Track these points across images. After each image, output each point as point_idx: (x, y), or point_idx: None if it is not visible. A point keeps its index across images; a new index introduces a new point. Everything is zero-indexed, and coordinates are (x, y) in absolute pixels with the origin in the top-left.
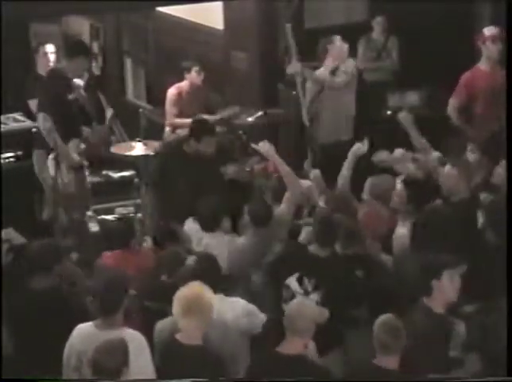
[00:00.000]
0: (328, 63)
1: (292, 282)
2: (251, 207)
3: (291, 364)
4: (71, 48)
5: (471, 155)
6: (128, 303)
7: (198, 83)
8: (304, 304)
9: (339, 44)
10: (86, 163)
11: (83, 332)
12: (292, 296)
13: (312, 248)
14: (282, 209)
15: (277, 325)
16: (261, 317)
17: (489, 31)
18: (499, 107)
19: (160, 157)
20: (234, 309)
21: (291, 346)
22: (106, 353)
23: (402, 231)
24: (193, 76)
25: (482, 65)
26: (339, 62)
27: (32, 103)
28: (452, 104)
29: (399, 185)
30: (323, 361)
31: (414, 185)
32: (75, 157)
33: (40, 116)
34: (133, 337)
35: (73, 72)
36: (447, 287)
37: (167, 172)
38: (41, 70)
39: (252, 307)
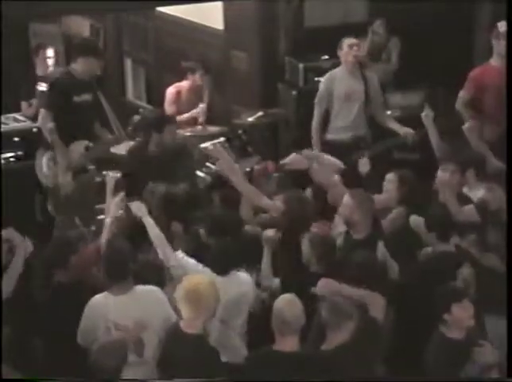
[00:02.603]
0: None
1: None
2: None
3: (288, 361)
4: (80, 48)
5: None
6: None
7: (199, 86)
8: (292, 300)
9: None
10: (91, 166)
11: (100, 301)
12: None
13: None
14: None
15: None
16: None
17: (502, 27)
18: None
19: (127, 166)
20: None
21: (286, 344)
22: (107, 353)
23: None
24: (196, 79)
25: (494, 61)
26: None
27: (24, 105)
28: (461, 98)
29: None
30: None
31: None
32: (75, 159)
33: (42, 113)
34: (148, 292)
35: (82, 72)
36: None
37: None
38: (40, 72)
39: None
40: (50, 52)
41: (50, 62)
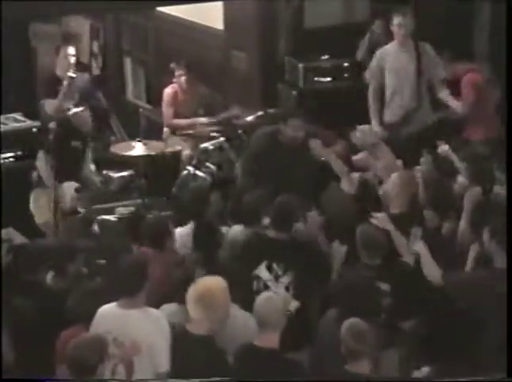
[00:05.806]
0: None
1: (261, 271)
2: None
3: (265, 357)
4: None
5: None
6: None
7: (196, 86)
8: (271, 297)
9: None
10: (81, 210)
11: (107, 312)
12: (265, 286)
13: (271, 233)
14: None
15: None
16: None
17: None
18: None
19: (257, 146)
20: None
21: (265, 339)
22: (83, 350)
23: None
24: (181, 81)
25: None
26: None
27: (48, 104)
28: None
29: None
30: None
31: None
32: (67, 201)
33: (40, 156)
34: (154, 316)
35: (78, 121)
36: None
37: (261, 161)
38: (60, 71)
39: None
40: (72, 50)
41: (72, 60)
